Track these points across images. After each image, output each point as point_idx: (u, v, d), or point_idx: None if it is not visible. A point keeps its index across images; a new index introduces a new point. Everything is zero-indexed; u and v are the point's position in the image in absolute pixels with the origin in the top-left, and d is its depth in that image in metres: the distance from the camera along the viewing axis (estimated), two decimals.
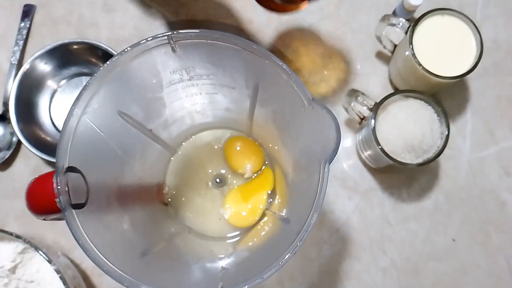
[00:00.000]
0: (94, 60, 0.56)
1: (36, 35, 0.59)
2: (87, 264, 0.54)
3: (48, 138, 0.55)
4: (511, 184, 0.56)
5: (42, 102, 0.56)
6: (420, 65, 0.48)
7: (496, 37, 0.59)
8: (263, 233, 0.45)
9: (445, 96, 0.57)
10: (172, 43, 0.33)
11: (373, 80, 0.58)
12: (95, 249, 0.31)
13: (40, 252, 0.47)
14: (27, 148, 0.52)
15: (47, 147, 0.52)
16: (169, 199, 0.50)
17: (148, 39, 0.32)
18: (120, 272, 0.31)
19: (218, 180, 0.51)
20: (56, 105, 0.57)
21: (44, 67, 0.55)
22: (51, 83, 0.57)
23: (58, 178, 0.31)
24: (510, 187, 0.56)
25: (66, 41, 0.54)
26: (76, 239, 0.31)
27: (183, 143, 0.51)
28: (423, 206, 0.55)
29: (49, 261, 0.47)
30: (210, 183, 0.51)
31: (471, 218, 0.55)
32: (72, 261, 0.53)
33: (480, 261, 0.54)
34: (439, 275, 0.54)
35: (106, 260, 0.31)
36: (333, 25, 0.59)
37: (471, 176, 0.56)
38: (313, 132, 0.33)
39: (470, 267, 0.54)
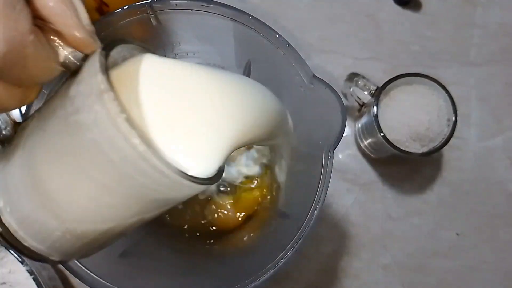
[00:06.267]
0: None
1: None
2: None
3: None
4: None
5: None
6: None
7: (503, 20, 0.56)
8: (259, 229, 0.41)
9: (449, 82, 0.54)
10: (152, 13, 0.29)
11: (373, 64, 0.54)
12: None
13: (11, 251, 0.44)
14: None
15: None
16: None
17: (124, 7, 0.28)
18: (94, 275, 0.27)
19: None
20: None
21: None
22: None
23: None
24: None
25: None
26: None
27: None
28: (426, 199, 0.52)
29: (21, 262, 0.43)
30: None
31: (477, 212, 0.52)
32: None
33: (487, 257, 0.52)
34: (444, 272, 0.51)
35: (77, 262, 0.27)
36: (331, 5, 0.55)
37: (476, 167, 0.53)
38: (314, 115, 0.29)
39: (477, 263, 0.51)
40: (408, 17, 0.56)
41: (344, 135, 0.52)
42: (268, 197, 0.45)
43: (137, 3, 0.28)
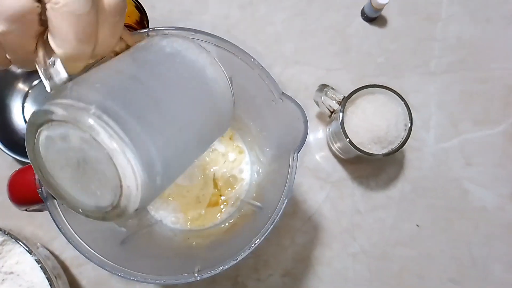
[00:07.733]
0: None
1: None
2: (66, 255, 0.55)
3: (23, 142, 0.55)
4: (472, 174, 0.59)
5: (15, 104, 0.57)
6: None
7: (460, 34, 0.62)
8: (239, 221, 0.47)
9: (411, 90, 0.60)
10: None
11: (343, 74, 0.60)
12: (77, 237, 0.33)
13: (20, 243, 0.47)
14: (2, 150, 0.52)
15: (23, 149, 0.53)
16: None
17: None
18: (101, 257, 0.33)
19: None
20: (30, 107, 0.57)
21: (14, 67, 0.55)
22: (22, 85, 0.57)
23: None
24: (471, 176, 0.58)
25: None
26: (58, 228, 0.32)
27: None
28: (390, 195, 0.58)
29: (30, 252, 0.47)
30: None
31: (435, 206, 0.58)
32: (51, 252, 0.53)
33: (443, 246, 0.57)
34: (405, 259, 0.56)
35: (87, 247, 0.33)
36: (304, 21, 0.61)
37: (435, 166, 0.59)
38: (284, 124, 0.35)
39: (434, 252, 0.57)
40: (375, 32, 0.61)
41: (318, 138, 0.59)
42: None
43: (136, 31, 0.34)
